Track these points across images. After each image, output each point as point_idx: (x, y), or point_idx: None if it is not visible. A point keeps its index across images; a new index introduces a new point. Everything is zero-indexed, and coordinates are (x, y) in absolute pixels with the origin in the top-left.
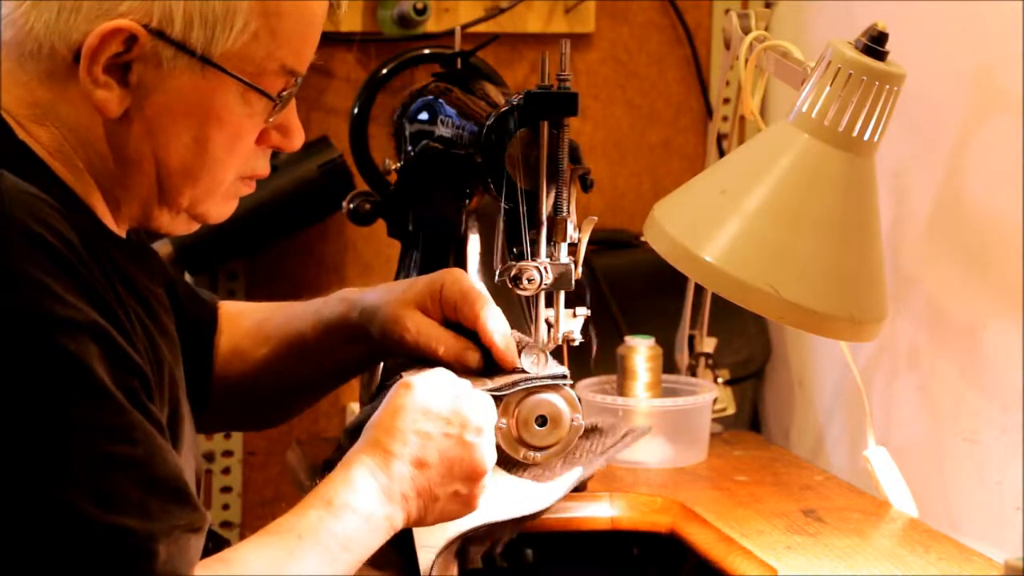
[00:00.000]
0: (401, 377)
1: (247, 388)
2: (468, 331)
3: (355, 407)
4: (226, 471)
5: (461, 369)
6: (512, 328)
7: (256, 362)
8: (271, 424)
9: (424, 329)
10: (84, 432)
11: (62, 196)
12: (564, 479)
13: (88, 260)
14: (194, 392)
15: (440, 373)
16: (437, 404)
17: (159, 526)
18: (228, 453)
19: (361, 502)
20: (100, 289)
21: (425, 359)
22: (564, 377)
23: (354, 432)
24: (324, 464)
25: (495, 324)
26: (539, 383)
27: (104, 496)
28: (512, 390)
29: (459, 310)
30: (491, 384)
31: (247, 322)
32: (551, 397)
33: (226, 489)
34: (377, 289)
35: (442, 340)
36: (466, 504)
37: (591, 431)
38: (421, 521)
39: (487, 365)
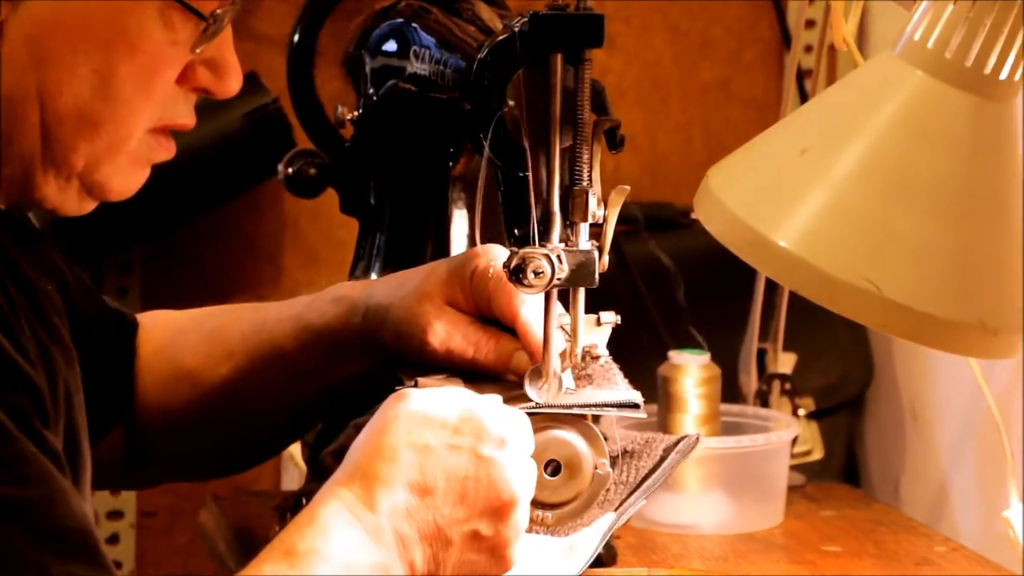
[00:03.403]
0: (416, 384)
1: (201, 420)
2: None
3: (294, 451)
4: (113, 539)
5: (510, 382)
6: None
7: (213, 385)
8: (238, 468)
9: (455, 329)
10: None
11: None
12: (596, 527)
13: None
14: (105, 430)
15: (452, 388)
16: (440, 409)
17: None
18: (116, 514)
19: (336, 548)
20: None
21: (456, 370)
22: (636, 407)
23: (341, 453)
24: (297, 498)
25: (539, 325)
26: (596, 410)
27: None
28: (548, 410)
29: (494, 302)
30: (530, 404)
31: (190, 333)
32: (566, 435)
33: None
34: (385, 282)
35: (480, 342)
36: (495, 555)
37: (617, 456)
38: None
39: None
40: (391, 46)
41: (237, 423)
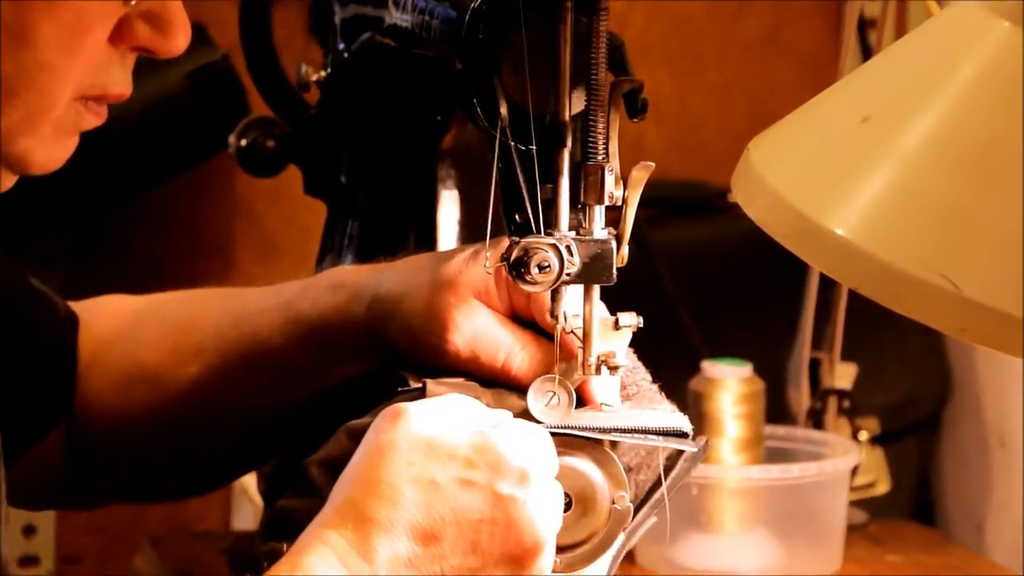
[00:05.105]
0: (423, 386)
1: (162, 428)
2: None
3: (248, 483)
4: None
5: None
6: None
7: (178, 387)
8: (205, 487)
9: (483, 328)
10: None
11: None
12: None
13: None
14: (38, 436)
15: (455, 397)
16: (449, 434)
17: None
18: (30, 560)
19: None
20: None
21: (480, 378)
22: (685, 436)
23: (329, 464)
24: (275, 517)
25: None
26: (645, 438)
27: None
28: (574, 433)
29: (534, 301)
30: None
31: (150, 324)
32: (579, 463)
33: None
34: (399, 267)
35: (515, 348)
36: None
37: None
38: None
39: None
40: None
41: (206, 433)
